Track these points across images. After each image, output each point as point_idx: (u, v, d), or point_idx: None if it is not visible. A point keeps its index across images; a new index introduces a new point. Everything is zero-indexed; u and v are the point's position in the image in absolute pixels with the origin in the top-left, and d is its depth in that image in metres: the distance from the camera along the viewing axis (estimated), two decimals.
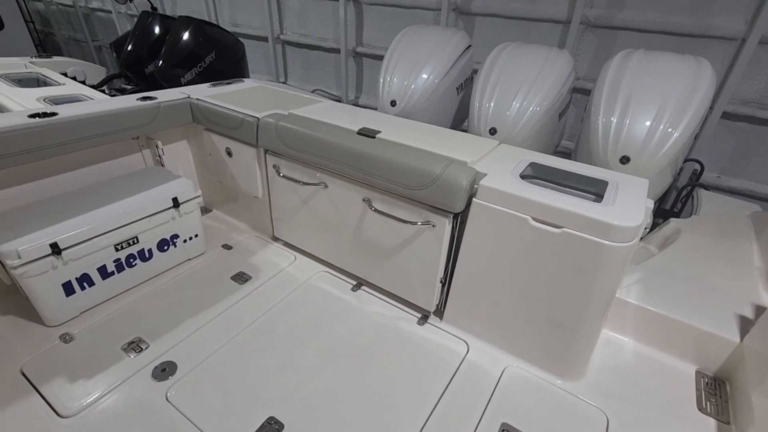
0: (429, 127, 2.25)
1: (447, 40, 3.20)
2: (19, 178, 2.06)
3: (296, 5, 5.38)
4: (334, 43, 5.18)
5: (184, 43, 4.11)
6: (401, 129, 2.17)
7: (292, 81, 6.03)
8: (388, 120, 2.32)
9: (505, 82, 2.78)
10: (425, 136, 2.07)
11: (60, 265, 1.84)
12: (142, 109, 2.28)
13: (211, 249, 2.54)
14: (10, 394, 1.63)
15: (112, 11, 6.87)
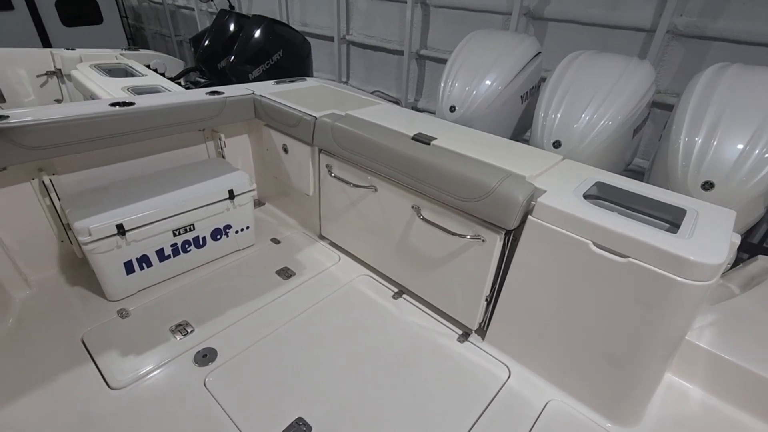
0: (488, 136, 2.15)
1: (515, 45, 3.06)
2: (98, 161, 2.23)
3: (364, 6, 5.44)
4: (398, 45, 5.16)
5: (255, 41, 4.29)
6: (458, 136, 2.09)
7: (354, 81, 6.10)
8: (446, 126, 2.25)
9: (575, 92, 2.60)
10: (483, 146, 1.98)
11: (124, 244, 1.97)
12: (209, 103, 2.38)
13: (261, 242, 2.61)
14: (69, 359, 1.76)
15: (195, 9, 7.35)
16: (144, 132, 2.19)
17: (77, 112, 1.96)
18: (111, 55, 4.76)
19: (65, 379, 1.68)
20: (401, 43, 5.13)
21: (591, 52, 2.77)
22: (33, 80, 4.55)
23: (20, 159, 1.85)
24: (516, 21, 3.97)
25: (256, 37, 4.30)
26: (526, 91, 3.15)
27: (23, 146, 1.82)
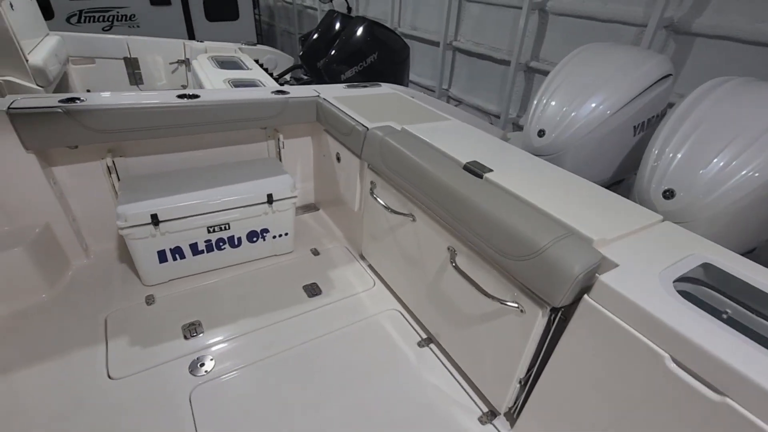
0: (565, 174, 1.71)
1: (638, 63, 2.48)
2: (162, 148, 2.32)
3: (476, 11, 5.08)
4: (506, 55, 4.70)
5: (352, 41, 4.25)
6: (525, 171, 1.69)
7: (455, 89, 5.77)
8: (516, 156, 1.85)
9: (710, 127, 1.98)
10: (552, 188, 1.56)
11: (158, 234, 1.99)
12: (270, 102, 2.33)
13: (300, 249, 2.49)
14: (87, 338, 1.82)
15: (318, 9, 7.71)
16: (206, 125, 2.21)
17: (145, 101, 2.03)
18: (231, 49, 5.16)
19: (76, 356, 1.74)
20: (510, 53, 4.67)
21: (743, 80, 2.09)
22: (166, 67, 5.14)
23: (88, 140, 1.98)
24: (652, 35, 3.26)
25: (354, 37, 4.26)
26: (644, 120, 2.54)
27: (90, 128, 1.94)
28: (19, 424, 1.49)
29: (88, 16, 6.29)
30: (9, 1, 3.18)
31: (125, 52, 4.88)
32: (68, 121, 1.88)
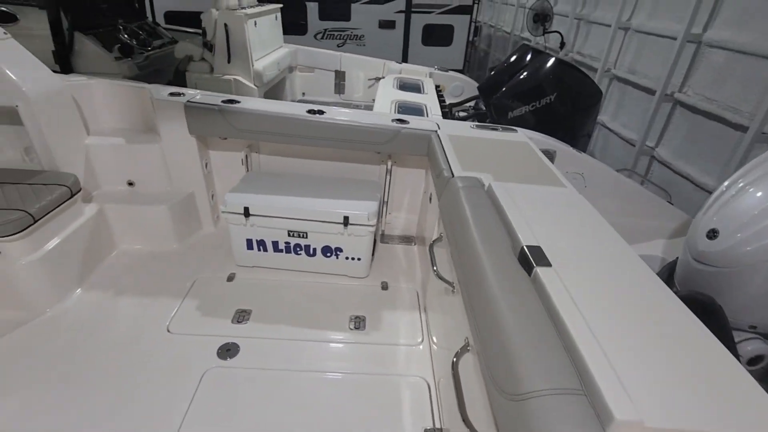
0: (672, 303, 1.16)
1: None
2: (288, 152, 2.63)
3: (719, 60, 3.97)
4: (747, 119, 3.53)
5: (532, 76, 3.90)
6: (608, 275, 1.22)
7: (664, 150, 4.67)
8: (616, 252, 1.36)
9: None
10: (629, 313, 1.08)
11: (248, 224, 2.27)
12: (383, 129, 2.35)
13: (374, 278, 2.44)
14: (175, 290, 2.22)
15: (531, 41, 7.39)
16: (326, 140, 2.39)
17: (279, 110, 2.34)
18: (422, 72, 5.45)
19: (159, 302, 2.14)
20: (752, 116, 3.49)
21: None
22: (365, 82, 5.80)
23: (233, 135, 2.40)
24: None
25: (535, 73, 3.91)
26: None
27: (235, 126, 2.34)
28: (97, 334, 1.93)
29: (329, 34, 7.64)
30: (254, 20, 4.14)
31: (337, 66, 5.71)
32: (221, 118, 2.32)
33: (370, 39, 7.80)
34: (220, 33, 3.96)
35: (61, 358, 1.81)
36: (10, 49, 2.05)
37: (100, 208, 2.36)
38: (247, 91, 4.16)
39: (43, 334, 1.92)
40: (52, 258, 2.04)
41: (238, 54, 4.04)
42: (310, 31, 7.61)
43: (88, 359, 1.82)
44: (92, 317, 2.04)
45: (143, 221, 2.48)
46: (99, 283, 2.24)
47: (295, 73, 5.74)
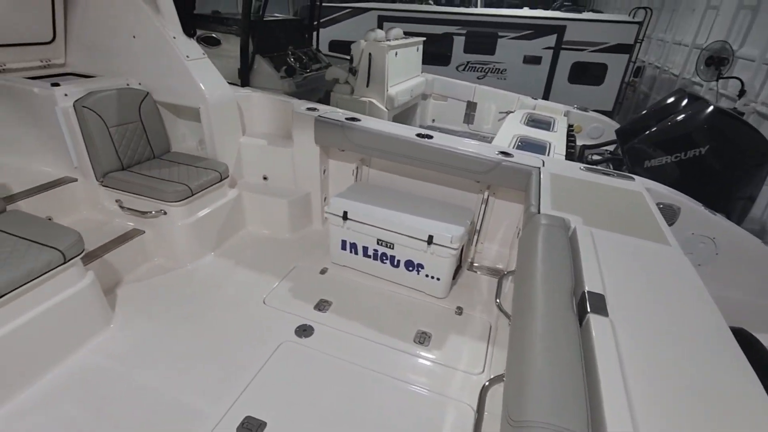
0: None
1: None
2: (391, 169, 2.86)
3: None
4: None
5: (682, 123, 3.47)
6: (671, 329, 1.11)
7: None
8: (685, 304, 1.21)
9: None
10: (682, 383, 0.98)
11: (344, 227, 2.53)
12: (482, 159, 2.40)
13: (452, 301, 2.46)
14: (276, 270, 2.60)
15: (703, 86, 6.49)
16: (430, 163, 2.55)
17: (391, 131, 2.59)
18: (558, 110, 5.27)
19: (263, 278, 2.53)
20: None
21: None
22: (496, 115, 5.82)
23: (349, 148, 2.73)
24: None
25: (686, 120, 3.47)
26: None
27: (351, 141, 2.67)
28: (215, 291, 2.38)
29: (471, 67, 7.86)
30: (396, 51, 4.56)
31: (470, 97, 5.87)
32: (341, 132, 2.67)
33: (512, 73, 7.79)
34: (364, 60, 4.48)
35: (187, 302, 2.29)
36: (204, 66, 2.72)
37: (239, 193, 2.90)
38: (378, 112, 4.60)
39: (181, 281, 2.46)
40: (199, 225, 2.60)
41: (376, 79, 4.51)
42: (453, 63, 7.94)
43: (204, 307, 2.27)
44: (216, 277, 2.52)
45: (268, 210, 2.96)
46: (226, 252, 2.75)
47: (429, 100, 6.08)
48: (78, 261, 1.90)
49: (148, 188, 2.41)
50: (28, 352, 1.75)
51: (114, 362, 1.91)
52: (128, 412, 1.70)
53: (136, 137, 2.63)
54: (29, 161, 2.64)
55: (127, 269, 2.43)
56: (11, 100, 2.49)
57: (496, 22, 7.64)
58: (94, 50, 2.77)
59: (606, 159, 4.48)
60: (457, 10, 7.76)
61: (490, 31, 7.69)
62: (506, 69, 7.81)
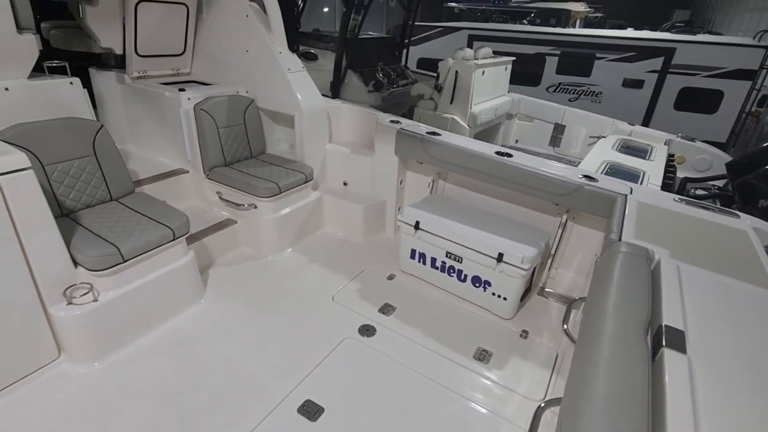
0: None
1: None
2: (467, 185, 2.87)
3: None
4: None
5: None
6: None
7: None
8: None
9: None
10: None
11: (415, 237, 2.60)
12: (561, 182, 2.33)
13: (517, 323, 2.39)
14: (350, 270, 2.73)
15: None
16: (507, 182, 2.53)
17: (469, 147, 2.63)
18: (658, 138, 4.88)
19: (335, 276, 2.68)
20: None
21: None
22: (585, 139, 5.54)
23: (427, 161, 2.81)
24: None
25: None
26: None
27: (429, 154, 2.75)
28: (291, 283, 2.57)
29: (563, 88, 7.57)
30: (483, 70, 4.58)
31: (558, 119, 5.66)
32: (420, 145, 2.76)
33: (608, 97, 7.36)
34: (450, 78, 4.56)
35: (266, 290, 2.51)
36: (302, 78, 2.99)
37: (320, 196, 3.12)
38: (460, 129, 4.63)
39: (262, 270, 2.70)
40: (283, 221, 2.84)
41: (461, 97, 4.56)
42: (544, 83, 7.72)
43: (280, 296, 2.46)
44: (292, 270, 2.73)
45: (345, 214, 3.13)
46: (303, 249, 2.96)
47: (513, 120, 5.97)
48: (183, 240, 2.19)
49: (243, 183, 2.70)
50: (140, 311, 2.06)
51: (201, 332, 2.16)
52: (207, 375, 1.91)
53: (239, 138, 2.96)
54: (156, 153, 3.10)
55: (218, 253, 2.73)
56: (148, 101, 2.96)
57: (594, 43, 7.30)
58: (213, 61, 3.19)
59: (713, 195, 4.04)
60: (552, 30, 7.55)
61: (587, 52, 7.37)
62: (602, 92, 7.40)
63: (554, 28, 7.65)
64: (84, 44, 2.94)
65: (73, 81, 2.32)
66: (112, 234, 1.96)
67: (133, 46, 2.83)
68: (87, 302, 1.87)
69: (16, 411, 1.70)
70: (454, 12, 11.17)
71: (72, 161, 2.10)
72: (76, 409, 1.73)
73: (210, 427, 1.70)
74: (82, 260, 1.85)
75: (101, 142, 2.20)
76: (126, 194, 2.33)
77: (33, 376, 1.82)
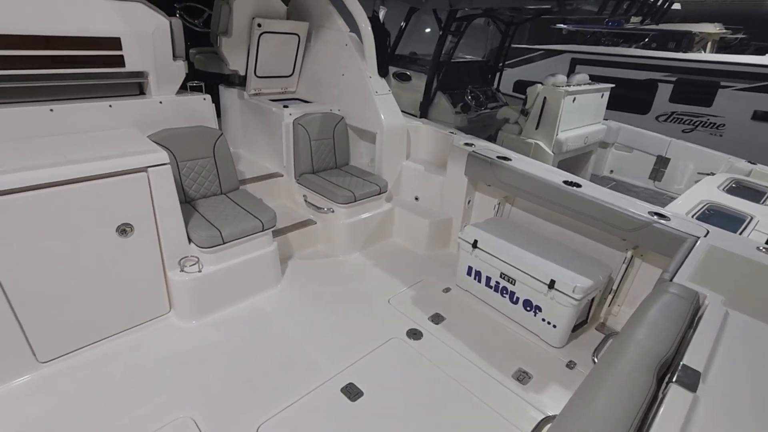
0: None
1: None
2: (534, 211, 2.90)
3: None
4: None
5: None
6: None
7: None
8: None
9: None
10: None
11: (472, 255, 2.72)
12: (631, 217, 2.28)
13: (569, 355, 2.37)
14: (405, 278, 2.95)
15: None
16: (574, 212, 2.55)
17: (538, 174, 2.68)
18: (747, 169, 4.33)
19: (393, 282, 2.91)
20: None
21: None
22: (692, 175, 5.06)
23: (495, 184, 2.92)
24: None
25: None
26: None
27: (497, 177, 2.86)
28: (354, 282, 2.86)
29: (676, 118, 6.93)
30: (574, 97, 4.49)
31: (662, 151, 5.26)
32: (490, 169, 2.89)
33: (732, 130, 6.56)
34: (538, 103, 4.55)
35: (332, 284, 2.84)
36: (387, 100, 3.31)
37: (392, 207, 3.39)
38: (543, 155, 4.58)
39: (331, 268, 3.04)
40: (355, 226, 3.17)
41: (547, 123, 4.52)
42: (653, 112, 7.15)
43: (343, 292, 2.77)
44: (357, 271, 3.03)
45: (412, 226, 3.36)
46: (370, 254, 3.24)
47: (609, 149, 5.68)
48: (270, 233, 2.62)
49: (325, 190, 3.09)
50: (230, 285, 2.51)
51: (274, 311, 2.54)
52: (273, 346, 2.28)
53: (327, 150, 3.38)
54: (260, 157, 3.67)
55: (297, 248, 3.14)
56: (259, 114, 3.53)
57: (719, 70, 6.58)
58: (315, 82, 3.68)
59: None
60: (668, 54, 6.99)
61: (710, 79, 6.67)
62: (725, 124, 6.62)
63: (671, 53, 7.06)
64: (217, 66, 3.62)
65: (205, 97, 2.92)
66: (217, 220, 2.44)
67: (254, 68, 3.42)
68: (194, 272, 2.36)
69: (137, 346, 2.22)
70: (563, 34, 10.83)
71: (197, 160, 2.65)
72: (176, 352, 2.20)
73: (268, 387, 2.03)
74: (194, 238, 2.35)
75: (220, 147, 2.74)
76: (232, 190, 2.85)
77: (151, 322, 2.35)
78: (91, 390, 1.96)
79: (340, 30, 3.35)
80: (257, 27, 3.20)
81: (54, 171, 1.85)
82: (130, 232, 2.11)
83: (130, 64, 2.48)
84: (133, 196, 2.09)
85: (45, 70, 2.24)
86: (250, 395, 1.99)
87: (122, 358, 2.15)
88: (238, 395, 1.99)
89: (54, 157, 1.98)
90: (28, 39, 2.13)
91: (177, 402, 1.93)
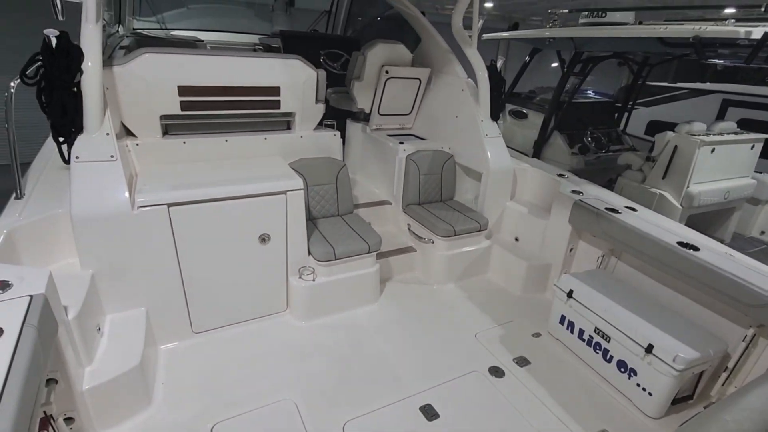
0: None
1: None
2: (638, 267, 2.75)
3: None
4: None
5: None
6: None
7: None
8: None
9: None
10: None
11: (567, 304, 2.68)
12: (755, 291, 2.06)
13: (668, 427, 2.21)
14: (490, 319, 3.02)
15: None
16: (684, 276, 2.37)
17: (648, 231, 2.56)
18: None
19: (485, 318, 3.01)
20: None
21: None
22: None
23: (599, 235, 2.86)
24: None
25: None
26: None
27: (602, 229, 2.80)
28: (443, 311, 3.04)
29: None
30: (712, 147, 4.04)
31: None
32: (596, 220, 2.84)
33: None
34: (667, 151, 4.20)
35: (425, 309, 3.07)
36: (496, 143, 3.46)
37: (491, 245, 3.49)
38: (669, 208, 4.19)
39: (426, 294, 3.26)
40: (452, 259, 3.35)
41: (677, 173, 4.14)
42: None
43: (433, 319, 2.97)
44: (449, 302, 3.19)
45: (509, 266, 3.41)
46: (464, 287, 3.38)
47: (761, 207, 4.93)
48: (374, 255, 2.96)
49: (428, 221, 3.34)
50: (336, 296, 2.90)
51: (370, 325, 2.86)
52: (365, 355, 2.58)
53: (435, 184, 3.65)
54: (373, 185, 4.10)
55: (397, 271, 3.43)
56: (378, 147, 3.98)
57: None
58: (430, 121, 4.01)
59: None
60: None
61: None
62: None
63: None
64: (347, 105, 4.18)
65: (335, 133, 3.43)
66: (333, 239, 2.86)
67: (378, 107, 3.89)
68: (310, 280, 2.80)
69: (260, 334, 2.72)
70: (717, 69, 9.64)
71: (322, 185, 3.14)
72: (289, 345, 2.64)
73: (355, 390, 2.32)
74: (313, 251, 2.79)
75: (342, 175, 3.20)
76: (347, 213, 3.28)
77: (271, 317, 2.84)
78: (225, 360, 2.48)
79: (458, 76, 3.63)
80: (385, 73, 3.66)
81: (225, 188, 2.44)
82: (268, 240, 2.63)
83: (284, 107, 3.10)
84: (274, 212, 2.61)
85: (225, 110, 2.95)
86: (342, 393, 2.30)
87: (249, 341, 2.65)
88: (333, 391, 2.31)
89: (226, 176, 2.60)
90: (217, 89, 2.83)
91: (285, 385, 2.33)
